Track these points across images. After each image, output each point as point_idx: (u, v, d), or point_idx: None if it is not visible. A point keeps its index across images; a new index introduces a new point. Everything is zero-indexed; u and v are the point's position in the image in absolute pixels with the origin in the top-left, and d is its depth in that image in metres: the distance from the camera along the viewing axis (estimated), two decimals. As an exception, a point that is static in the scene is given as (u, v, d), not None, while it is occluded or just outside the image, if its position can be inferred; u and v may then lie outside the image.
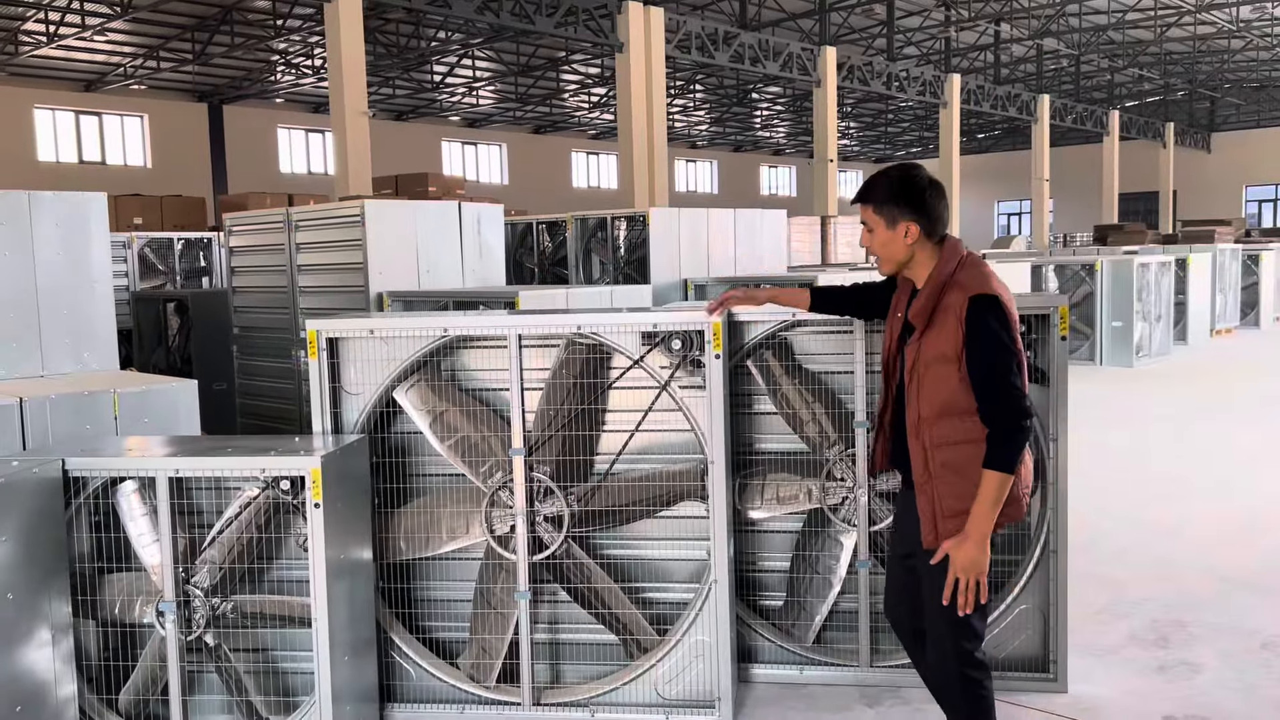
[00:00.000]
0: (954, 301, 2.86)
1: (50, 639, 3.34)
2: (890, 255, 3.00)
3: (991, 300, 2.82)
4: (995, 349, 2.79)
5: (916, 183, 2.95)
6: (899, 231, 2.96)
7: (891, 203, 2.96)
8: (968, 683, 2.98)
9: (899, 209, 2.95)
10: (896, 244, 2.98)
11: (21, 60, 22.62)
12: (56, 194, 5.57)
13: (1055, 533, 3.98)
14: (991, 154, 46.44)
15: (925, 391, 2.90)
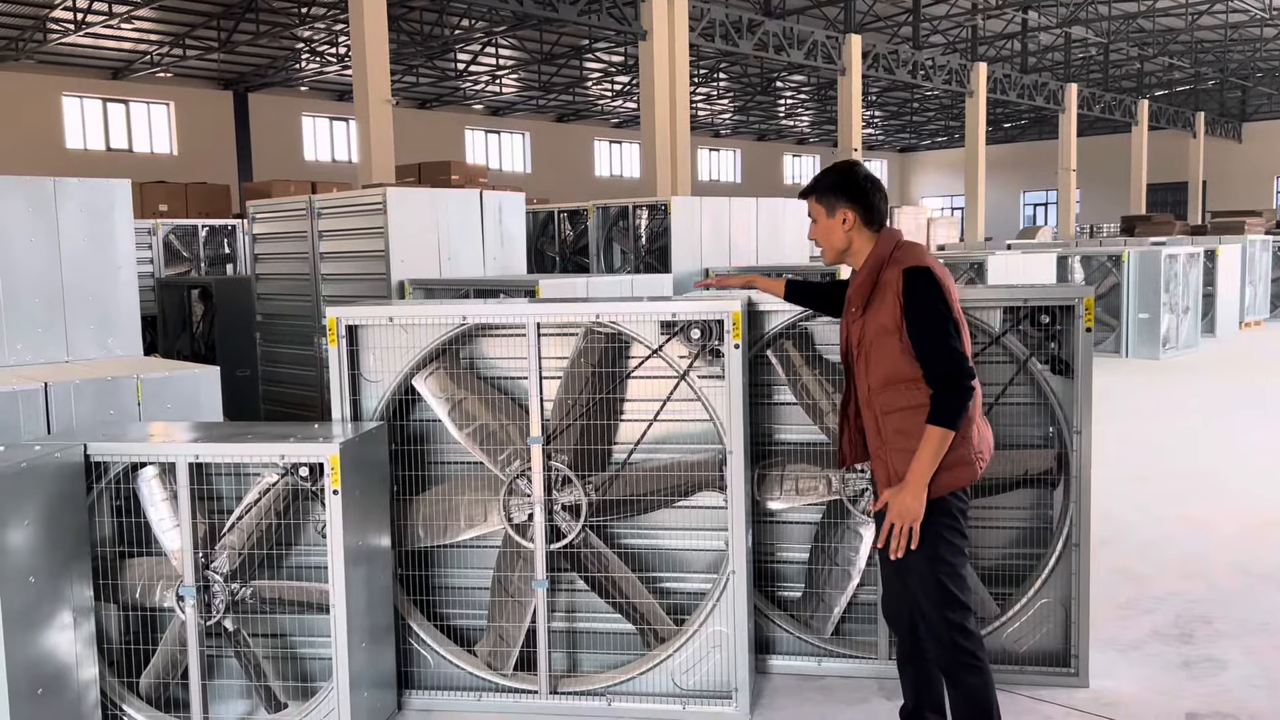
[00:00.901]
0: (890, 278, 3.06)
1: (72, 622, 3.37)
2: (831, 243, 3.22)
3: (923, 270, 3.03)
4: (931, 315, 2.99)
5: (854, 174, 3.22)
6: (837, 219, 3.19)
7: (830, 193, 3.21)
8: (960, 652, 3.04)
9: (837, 198, 3.19)
10: (836, 231, 3.20)
11: (50, 48, 22.79)
12: (81, 180, 5.61)
13: (1078, 526, 3.94)
14: (1018, 144, 46.02)
15: (872, 365, 3.10)
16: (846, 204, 3.17)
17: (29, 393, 4.32)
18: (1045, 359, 3.94)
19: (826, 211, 3.20)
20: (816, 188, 3.24)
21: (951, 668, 3.07)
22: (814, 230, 3.26)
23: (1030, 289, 3.97)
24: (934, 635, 3.08)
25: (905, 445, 3.02)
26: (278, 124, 29.39)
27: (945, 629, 3.03)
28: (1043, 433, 4.06)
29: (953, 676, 3.08)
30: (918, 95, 36.56)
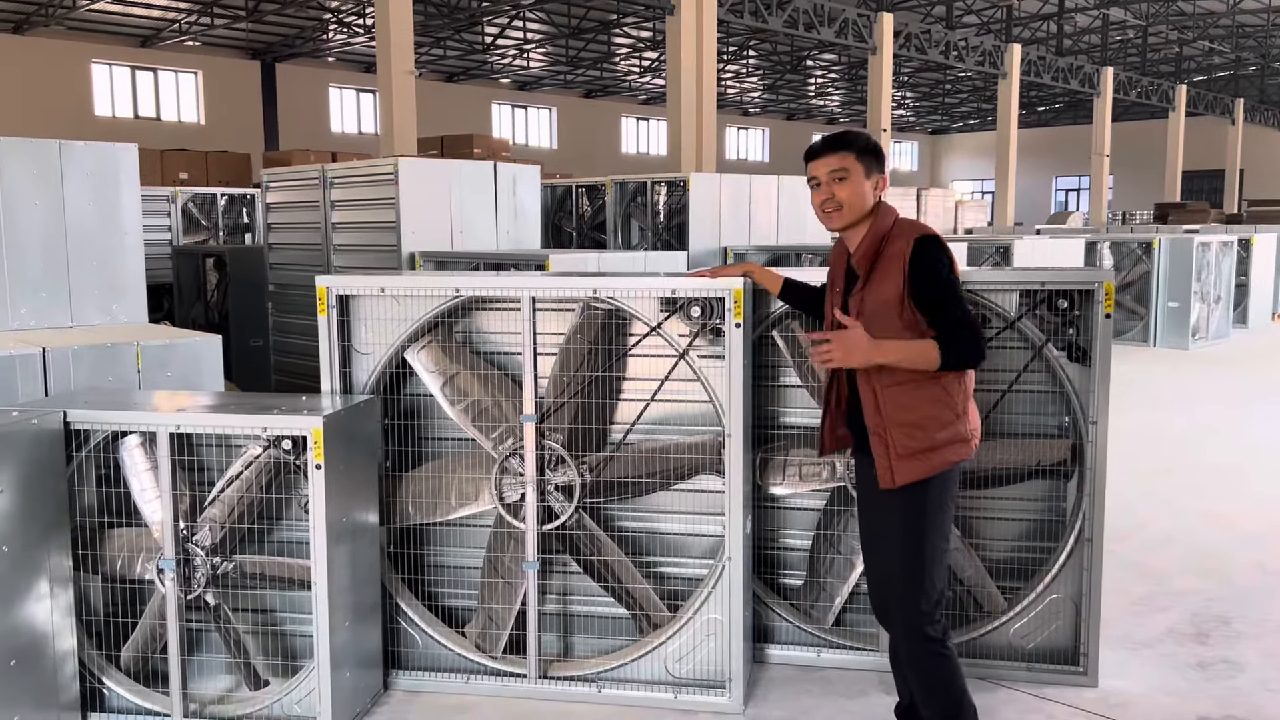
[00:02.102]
0: (897, 249, 2.97)
1: (49, 592, 3.30)
2: (859, 204, 3.04)
3: (934, 238, 2.97)
4: (944, 283, 2.93)
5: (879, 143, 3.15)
6: (873, 182, 3.07)
7: (871, 153, 3.07)
8: (927, 641, 3.00)
9: (875, 160, 3.08)
10: (867, 195, 3.06)
11: (79, 15, 22.81)
12: (87, 144, 5.53)
13: (1091, 520, 3.79)
14: (1051, 128, 45.32)
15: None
16: (879, 169, 3.07)
17: (26, 357, 4.25)
18: (1062, 345, 3.78)
19: (865, 171, 3.05)
20: (855, 143, 3.06)
21: (916, 655, 3.04)
22: (842, 188, 3.03)
23: (1048, 272, 3.81)
24: (903, 618, 3.04)
25: (907, 419, 2.94)
26: (305, 95, 29.34)
27: (915, 616, 3.00)
28: (1057, 422, 3.90)
29: (917, 663, 3.06)
30: (950, 76, 36.01)
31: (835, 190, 3.03)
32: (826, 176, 3.04)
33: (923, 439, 2.95)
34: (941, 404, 2.98)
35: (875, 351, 2.87)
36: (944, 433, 2.96)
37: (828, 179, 3.04)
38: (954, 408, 2.99)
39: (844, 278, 3.14)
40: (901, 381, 2.95)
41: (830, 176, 3.04)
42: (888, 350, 2.88)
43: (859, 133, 3.09)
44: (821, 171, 3.06)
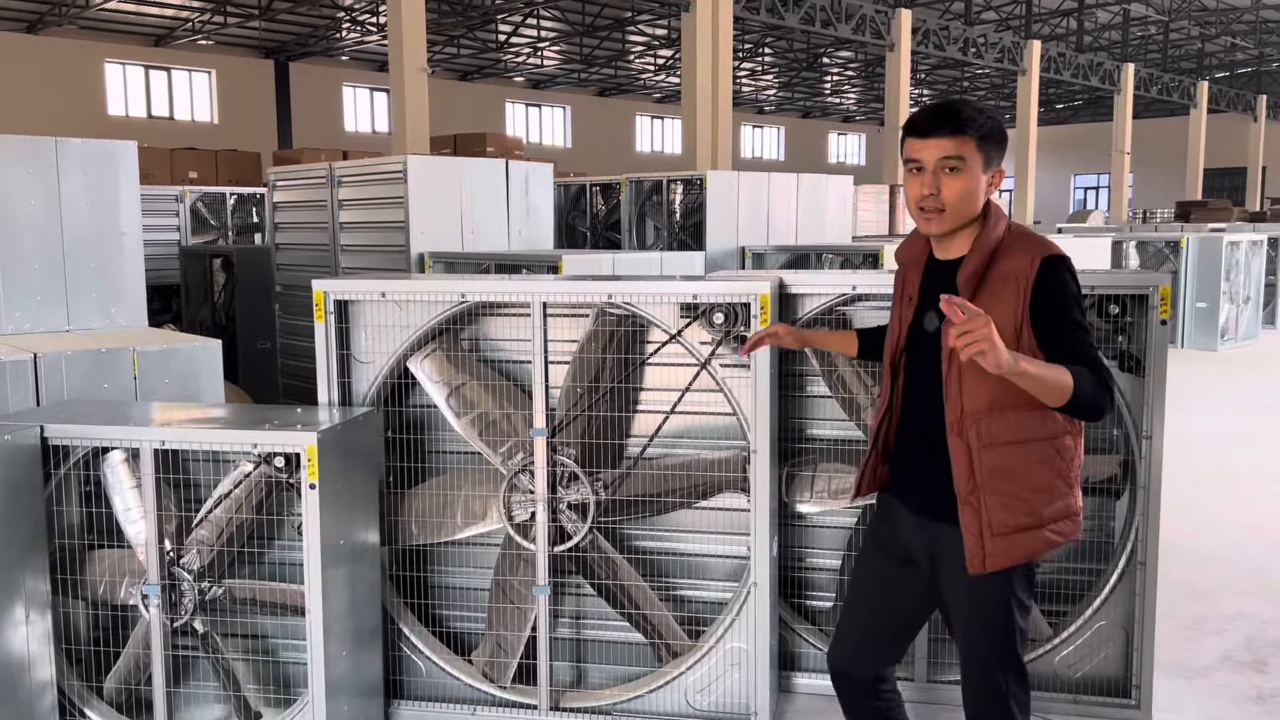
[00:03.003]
0: (1014, 268, 2.35)
1: (24, 619, 3.07)
2: (970, 208, 2.40)
3: (1066, 261, 2.36)
4: (1078, 316, 2.33)
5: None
6: (989, 177, 2.41)
7: (994, 140, 2.41)
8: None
9: (999, 149, 2.42)
10: (980, 195, 2.41)
11: (93, 14, 22.70)
12: (84, 141, 5.32)
13: (1144, 542, 3.52)
14: (1070, 125, 44.80)
15: (971, 380, 2.35)
16: (999, 160, 2.42)
17: (17, 364, 4.04)
18: (1112, 354, 3.51)
19: (984, 162, 2.39)
20: (978, 125, 2.37)
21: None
22: (952, 183, 2.37)
23: (1097, 275, 3.54)
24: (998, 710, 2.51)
25: (1008, 490, 2.35)
26: (318, 94, 29.19)
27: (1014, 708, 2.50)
28: (1106, 435, 3.64)
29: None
30: (968, 73, 35.61)
31: (944, 184, 2.37)
32: (935, 164, 2.37)
33: (1026, 514, 2.36)
34: (1052, 470, 2.38)
35: (1018, 363, 2.13)
36: (1052, 507, 2.38)
37: (936, 167, 2.37)
38: (1067, 476, 2.40)
39: (921, 290, 2.53)
40: (1009, 441, 2.36)
41: (940, 165, 2.37)
42: (1025, 361, 2.16)
43: (981, 109, 2.41)
44: (929, 156, 2.38)
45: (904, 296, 2.58)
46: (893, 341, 2.59)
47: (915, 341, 2.52)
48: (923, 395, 2.50)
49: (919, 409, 2.51)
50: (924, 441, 2.50)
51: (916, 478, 2.55)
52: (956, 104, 2.40)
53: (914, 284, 2.55)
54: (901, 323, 2.56)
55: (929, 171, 2.38)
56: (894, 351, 2.58)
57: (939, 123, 2.37)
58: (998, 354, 2.07)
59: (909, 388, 2.55)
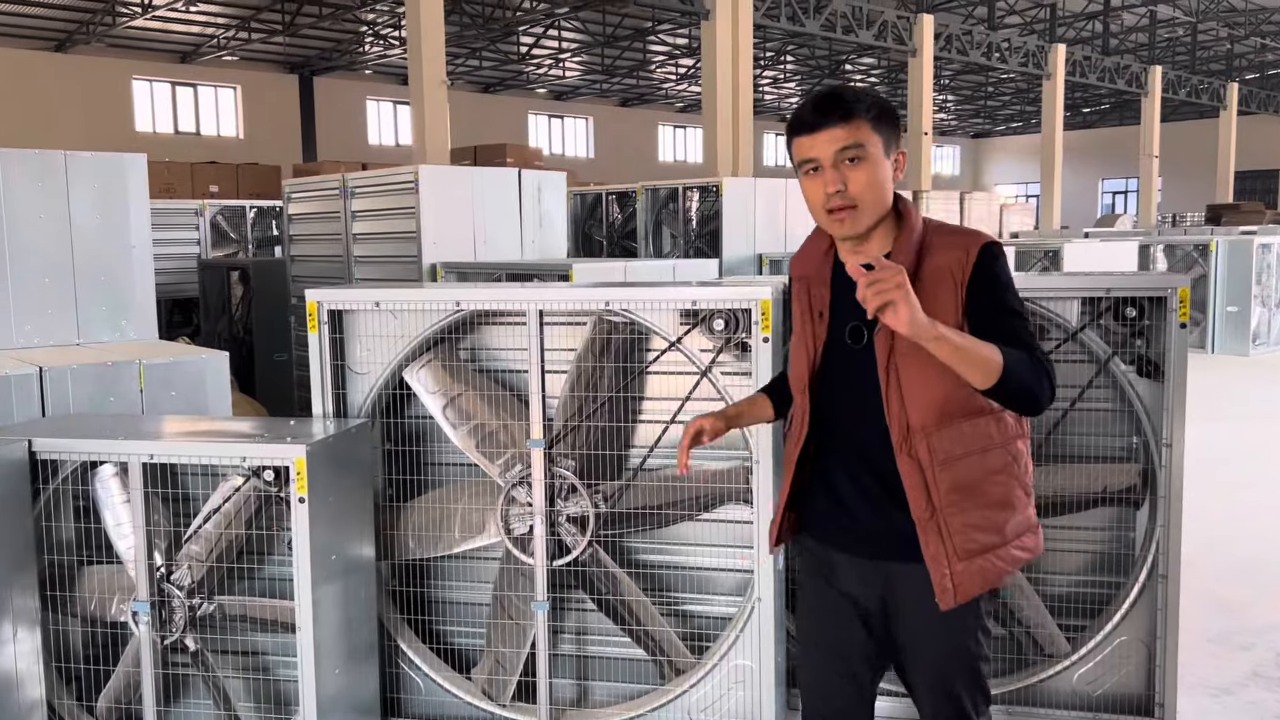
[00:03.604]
0: (946, 262, 2.13)
1: (13, 636, 3.02)
2: (882, 200, 2.16)
3: (1001, 248, 2.17)
4: (1016, 305, 2.15)
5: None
6: (892, 161, 2.17)
7: (888, 118, 2.16)
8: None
9: (895, 129, 2.18)
10: (889, 182, 2.16)
11: (119, 31, 22.95)
12: (94, 154, 5.31)
13: (1166, 555, 3.38)
14: (1097, 129, 44.34)
15: (913, 391, 2.11)
16: (898, 141, 2.19)
17: (22, 377, 4.01)
18: (1130, 358, 3.39)
19: (885, 146, 2.14)
20: (867, 105, 2.13)
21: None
22: (857, 175, 2.11)
23: (1114, 276, 3.42)
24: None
25: (969, 508, 2.13)
26: (342, 107, 29.40)
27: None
28: (1125, 444, 3.51)
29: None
30: (992, 78, 35.34)
31: (848, 177, 2.11)
32: (832, 158, 2.11)
33: (993, 533, 2.14)
34: (1012, 479, 2.18)
35: (933, 327, 1.92)
36: (1015, 520, 2.17)
37: (834, 161, 2.11)
38: (1025, 484, 2.20)
39: (834, 303, 2.24)
40: (965, 453, 2.14)
41: (838, 158, 2.11)
42: (949, 339, 1.94)
43: (864, 90, 2.19)
44: (824, 151, 2.11)
45: (811, 313, 2.28)
46: (805, 364, 2.27)
47: (836, 360, 2.24)
48: (850, 418, 2.22)
49: (848, 435, 2.24)
50: (858, 471, 2.23)
51: (851, 514, 2.25)
52: (838, 89, 2.18)
53: (822, 298, 2.27)
54: (815, 341, 2.26)
55: (827, 168, 2.12)
56: (808, 375, 2.27)
57: (825, 112, 2.12)
58: (911, 308, 1.87)
59: (832, 412, 2.26)
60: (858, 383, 2.20)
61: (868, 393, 2.17)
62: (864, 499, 2.23)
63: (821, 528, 2.33)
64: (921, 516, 2.14)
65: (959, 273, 2.13)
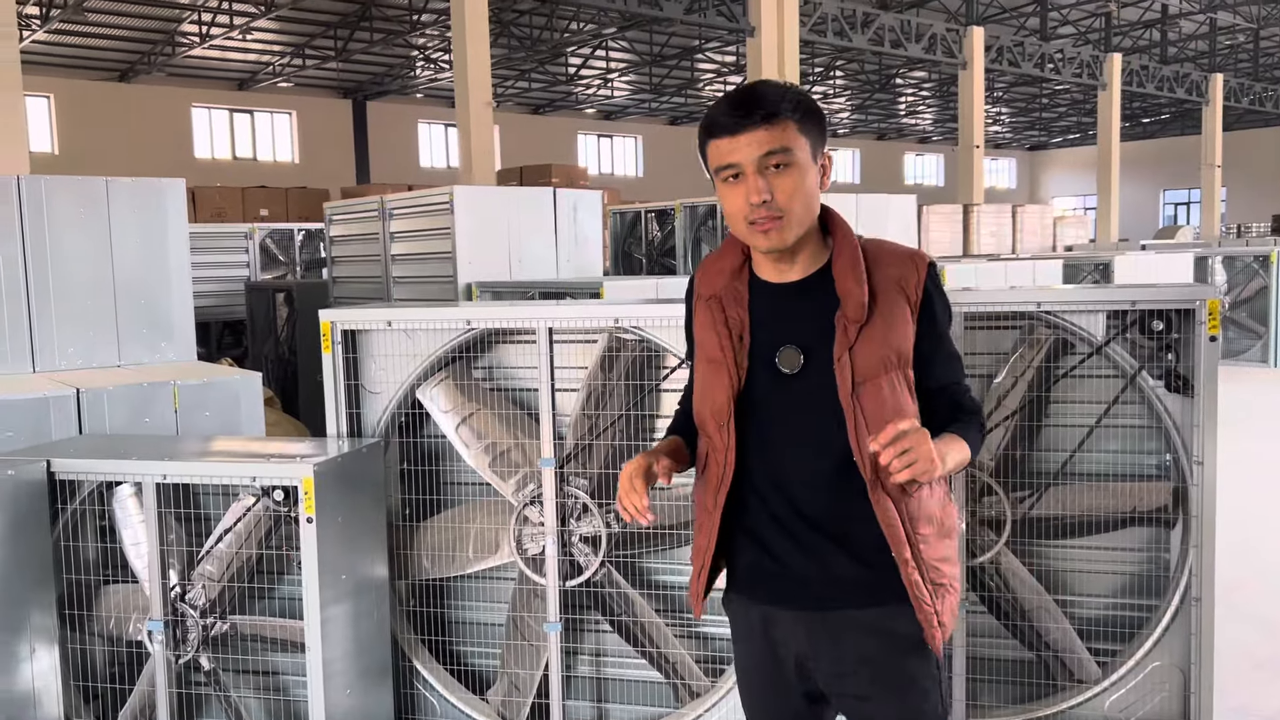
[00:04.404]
0: (896, 275, 1.97)
1: (31, 654, 3.06)
2: (811, 209, 1.95)
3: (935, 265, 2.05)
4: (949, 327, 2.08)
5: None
6: (819, 166, 1.96)
7: (813, 117, 1.95)
8: None
9: (820, 131, 1.96)
10: (816, 190, 1.96)
11: (179, 61, 23.57)
12: (134, 180, 5.43)
13: (1199, 576, 3.25)
14: (1158, 139, 43.47)
15: (878, 423, 1.88)
16: (824, 142, 1.98)
17: (60, 399, 4.10)
18: (1157, 372, 3.28)
19: (811, 149, 1.93)
20: (791, 103, 1.91)
21: None
22: (784, 182, 1.90)
23: (1141, 289, 3.31)
24: None
25: (936, 539, 1.98)
26: (395, 131, 29.85)
27: None
28: (1156, 461, 3.39)
29: None
30: (1047, 90, 34.85)
31: (774, 185, 1.90)
32: (755, 164, 1.89)
33: (952, 564, 2.01)
34: (949, 500, 2.06)
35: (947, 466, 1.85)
36: (955, 547, 2.05)
37: (757, 167, 1.89)
38: (954, 514, 2.08)
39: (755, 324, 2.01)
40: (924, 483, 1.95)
41: (761, 164, 1.89)
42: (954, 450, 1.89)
43: (789, 87, 1.94)
44: (745, 155, 1.89)
45: (730, 337, 2.00)
46: (725, 394, 1.99)
47: (760, 390, 1.99)
48: (783, 455, 1.99)
49: (778, 473, 1.99)
50: (785, 514, 1.99)
51: (779, 561, 2.01)
52: (758, 86, 1.93)
53: (741, 319, 2.01)
54: (736, 369, 1.99)
55: (750, 174, 1.90)
56: (730, 407, 1.99)
57: (747, 112, 1.89)
58: (942, 466, 1.79)
59: (758, 451, 2.00)
60: (793, 415, 1.98)
61: (808, 426, 1.96)
62: (795, 544, 1.99)
63: (749, 582, 2.08)
64: (904, 556, 1.94)
65: (911, 291, 1.98)
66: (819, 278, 2.00)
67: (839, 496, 1.96)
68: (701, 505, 2.09)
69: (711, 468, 2.04)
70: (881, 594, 1.97)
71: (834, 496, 1.97)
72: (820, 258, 2.01)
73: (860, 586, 1.98)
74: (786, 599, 2.03)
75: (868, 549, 1.96)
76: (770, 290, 2.03)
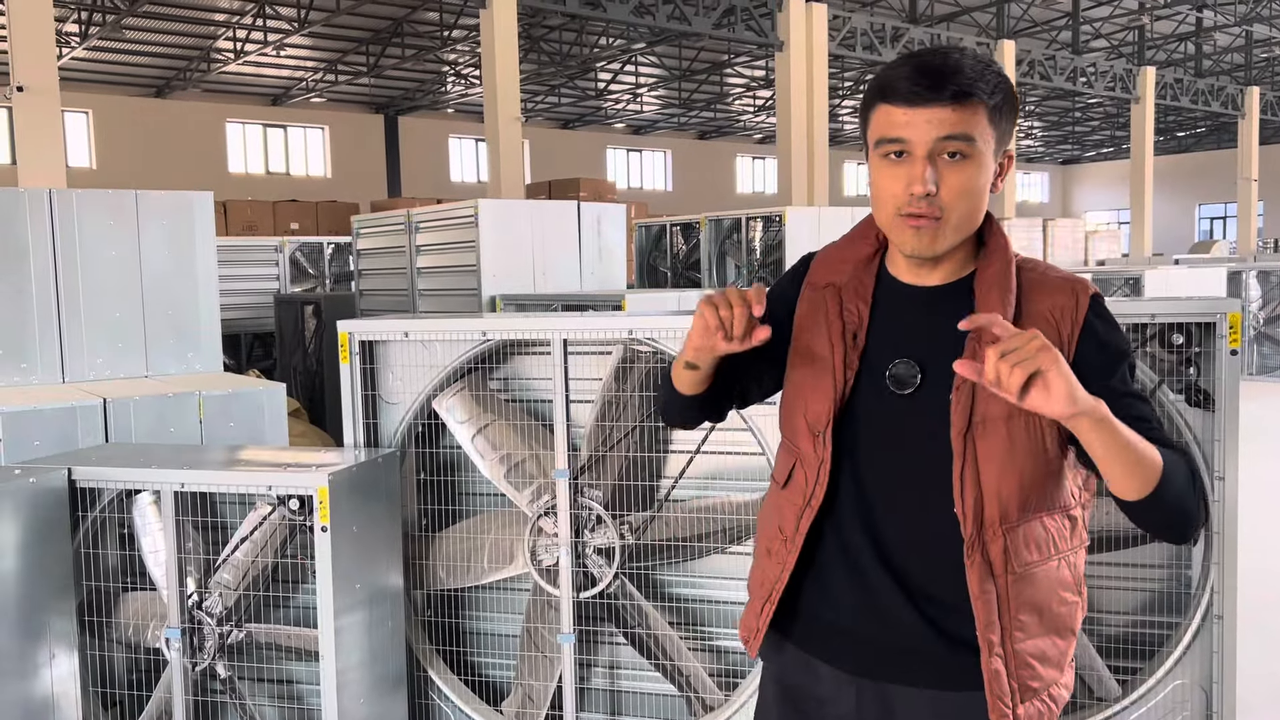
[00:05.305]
0: (1053, 306, 1.63)
1: (50, 659, 3.10)
2: (976, 213, 1.63)
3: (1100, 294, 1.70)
4: (1135, 381, 1.64)
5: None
6: (997, 165, 1.64)
7: (1007, 108, 1.62)
8: None
9: (1010, 124, 1.64)
10: (986, 193, 1.64)
11: (214, 77, 23.94)
12: (163, 193, 5.51)
13: (1221, 594, 3.21)
14: (1193, 153, 43.01)
15: (991, 473, 1.60)
16: (1010, 139, 1.67)
17: (87, 408, 4.16)
18: (1178, 387, 3.24)
19: (997, 141, 1.61)
20: (985, 86, 1.57)
21: None
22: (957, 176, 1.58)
23: (1161, 302, 3.28)
24: None
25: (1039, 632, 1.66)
26: (426, 145, 30.12)
27: None
28: (1178, 477, 3.34)
29: None
30: (1079, 104, 34.60)
31: (945, 177, 1.58)
32: (930, 147, 1.57)
33: (1052, 667, 1.67)
34: (1077, 597, 1.72)
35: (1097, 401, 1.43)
36: (1071, 654, 1.71)
37: (931, 151, 1.58)
38: (1078, 614, 1.73)
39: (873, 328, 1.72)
40: (1037, 560, 1.65)
41: (937, 149, 1.57)
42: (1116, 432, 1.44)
43: (989, 63, 1.60)
44: (921, 135, 1.57)
45: (844, 333, 1.71)
46: (822, 401, 1.71)
47: (865, 406, 1.70)
48: (877, 491, 1.69)
49: (865, 508, 1.70)
50: (864, 559, 1.70)
51: (856, 619, 1.72)
52: (953, 55, 1.59)
53: (860, 315, 1.72)
54: (845, 369, 1.70)
55: (919, 158, 1.58)
56: (825, 417, 1.70)
57: (935, 83, 1.55)
58: (1068, 379, 1.37)
59: (849, 476, 1.71)
60: (896, 443, 1.68)
61: (911, 460, 1.67)
62: (869, 598, 1.70)
63: (803, 630, 1.79)
64: (989, 638, 1.61)
65: (1066, 325, 1.62)
66: (960, 288, 1.69)
67: (936, 551, 1.65)
68: (773, 527, 1.79)
69: (795, 485, 1.75)
70: (957, 678, 1.67)
71: (931, 550, 1.66)
72: (967, 266, 1.70)
73: (933, 664, 1.68)
74: (841, 658, 1.75)
75: (955, 621, 1.66)
76: (901, 291, 1.73)
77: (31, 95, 11.06)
